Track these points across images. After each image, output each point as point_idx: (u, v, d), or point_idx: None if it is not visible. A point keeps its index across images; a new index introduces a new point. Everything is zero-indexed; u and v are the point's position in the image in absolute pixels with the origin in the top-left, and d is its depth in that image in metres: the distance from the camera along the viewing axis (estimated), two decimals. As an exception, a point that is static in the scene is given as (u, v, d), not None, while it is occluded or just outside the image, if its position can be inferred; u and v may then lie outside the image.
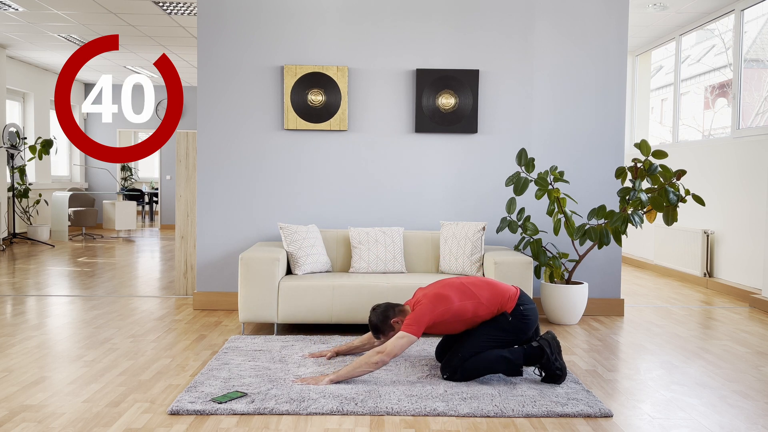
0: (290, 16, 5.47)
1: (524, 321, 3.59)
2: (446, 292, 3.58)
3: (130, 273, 7.44)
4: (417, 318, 3.48)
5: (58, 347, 4.24)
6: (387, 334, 3.64)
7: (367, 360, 3.43)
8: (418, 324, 3.47)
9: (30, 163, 11.52)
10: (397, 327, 3.61)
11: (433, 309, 3.51)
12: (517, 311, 3.58)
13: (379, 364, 3.43)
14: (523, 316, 3.58)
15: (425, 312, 3.50)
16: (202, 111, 5.50)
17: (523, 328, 3.59)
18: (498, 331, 3.57)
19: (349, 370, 3.45)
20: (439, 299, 3.54)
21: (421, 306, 3.54)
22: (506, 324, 3.57)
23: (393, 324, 3.62)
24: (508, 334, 3.57)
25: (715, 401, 3.36)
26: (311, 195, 5.54)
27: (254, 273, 4.58)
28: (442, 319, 3.53)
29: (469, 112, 5.46)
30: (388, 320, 3.62)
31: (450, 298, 3.55)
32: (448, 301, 3.54)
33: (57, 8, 7.70)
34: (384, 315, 3.63)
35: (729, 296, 6.47)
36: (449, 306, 3.53)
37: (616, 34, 5.51)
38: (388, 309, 3.65)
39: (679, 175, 4.84)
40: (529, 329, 3.61)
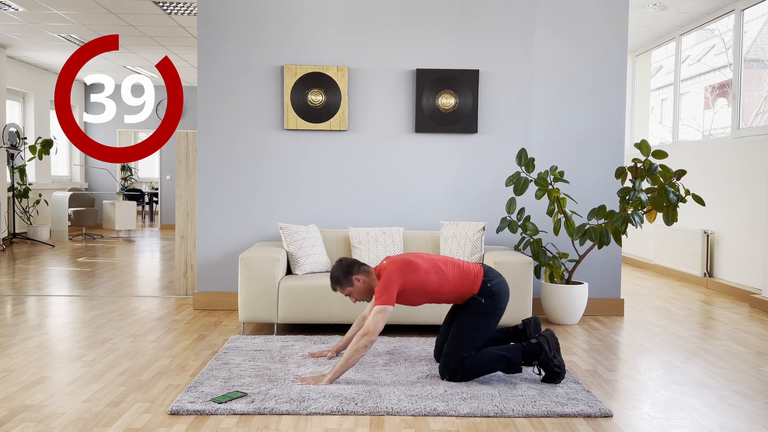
0: (290, 16, 5.47)
1: (496, 297, 3.61)
2: (414, 260, 3.61)
3: (130, 273, 7.44)
4: (386, 287, 3.48)
5: (58, 347, 4.24)
6: (345, 288, 3.63)
7: (355, 347, 3.43)
8: (388, 293, 3.47)
9: (30, 163, 11.52)
10: (358, 284, 3.61)
11: (401, 275, 3.52)
12: (486, 290, 3.60)
13: (368, 346, 3.43)
14: (493, 293, 3.61)
15: (393, 278, 3.50)
16: (202, 111, 5.50)
17: (499, 303, 3.62)
18: (479, 317, 3.59)
19: (343, 363, 3.45)
20: (407, 265, 3.56)
21: (388, 272, 3.53)
22: (481, 307, 3.59)
23: (354, 280, 3.61)
24: (490, 315, 3.60)
25: (715, 401, 3.36)
26: (311, 195, 5.54)
27: (254, 273, 4.58)
28: (409, 286, 3.54)
29: (469, 112, 5.46)
30: (350, 276, 3.61)
31: (418, 265, 3.58)
32: (416, 268, 3.56)
33: (57, 8, 7.70)
34: (347, 270, 3.62)
35: (729, 296, 6.47)
36: (416, 273, 3.54)
37: (616, 34, 5.51)
38: (353, 265, 3.64)
39: (679, 175, 4.84)
40: (504, 302, 3.65)
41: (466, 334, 3.57)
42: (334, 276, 3.64)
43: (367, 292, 3.66)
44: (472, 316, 3.60)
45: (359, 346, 3.42)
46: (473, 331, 3.57)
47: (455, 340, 3.58)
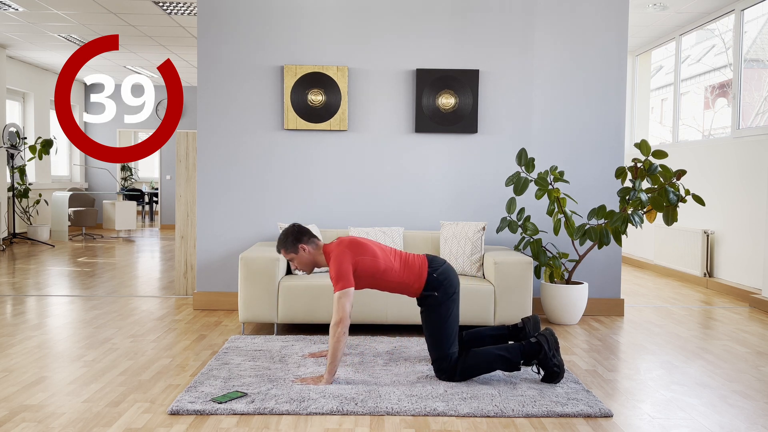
0: (290, 16, 5.47)
1: (447, 282, 3.62)
2: (363, 241, 3.63)
3: (130, 273, 7.44)
4: (339, 271, 3.47)
5: (58, 347, 4.24)
6: (288, 253, 3.63)
7: (335, 339, 3.42)
8: (344, 276, 3.47)
9: (30, 163, 11.52)
10: (302, 253, 3.61)
11: (351, 255, 3.53)
12: (433, 281, 3.61)
13: (345, 332, 3.42)
14: (441, 282, 3.61)
15: (343, 260, 3.50)
16: (202, 111, 5.50)
17: (450, 289, 3.62)
18: (439, 309, 3.59)
19: (331, 359, 3.45)
20: (356, 245, 3.58)
21: (337, 254, 3.53)
22: (437, 300, 3.60)
23: (300, 248, 3.61)
24: (448, 303, 3.60)
25: (715, 401, 3.36)
26: (311, 195, 5.54)
27: (254, 273, 4.58)
28: (359, 266, 3.54)
29: (469, 112, 5.46)
30: (298, 243, 3.62)
31: (366, 246, 3.60)
32: (364, 249, 3.58)
33: (57, 8, 7.70)
34: (296, 237, 3.63)
35: (729, 296, 6.47)
36: (365, 254, 3.56)
37: (616, 34, 5.51)
38: (304, 234, 3.64)
39: (679, 175, 4.84)
40: (455, 283, 3.66)
41: (438, 331, 3.57)
42: (282, 238, 3.65)
43: (310, 264, 3.67)
44: (433, 312, 3.60)
45: (338, 336, 3.42)
46: (442, 324, 3.58)
47: (433, 342, 3.59)
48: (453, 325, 3.61)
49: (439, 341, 3.56)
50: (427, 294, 3.62)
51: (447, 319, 3.59)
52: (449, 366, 3.53)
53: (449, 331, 3.58)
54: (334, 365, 3.45)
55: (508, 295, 4.62)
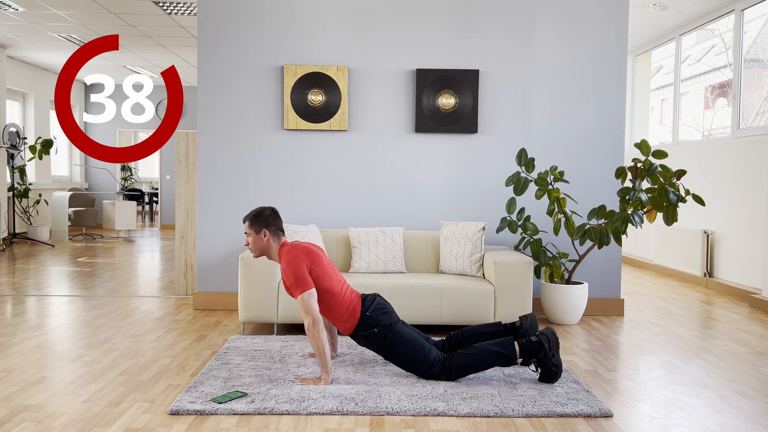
0: (290, 16, 5.47)
1: (382, 317, 3.60)
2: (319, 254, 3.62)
3: (130, 273, 7.44)
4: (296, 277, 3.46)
5: (58, 347, 4.24)
6: (250, 228, 3.62)
7: (315, 341, 3.41)
8: (302, 282, 3.46)
9: (30, 163, 11.52)
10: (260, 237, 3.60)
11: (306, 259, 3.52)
12: (368, 320, 3.59)
13: (320, 332, 3.41)
14: (376, 318, 3.59)
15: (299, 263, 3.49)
16: (202, 111, 5.50)
17: (387, 319, 3.60)
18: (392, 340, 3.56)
19: (321, 359, 3.45)
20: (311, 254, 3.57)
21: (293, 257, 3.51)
22: (383, 333, 3.58)
23: (262, 231, 3.61)
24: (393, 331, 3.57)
25: (715, 401, 3.36)
26: (311, 195, 5.54)
27: (254, 273, 4.58)
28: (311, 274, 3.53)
29: (469, 112, 5.46)
30: (262, 226, 3.61)
31: (321, 260, 3.60)
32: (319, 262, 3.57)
33: (57, 8, 7.70)
34: (265, 220, 3.62)
35: (729, 296, 6.47)
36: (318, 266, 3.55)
37: (616, 34, 5.51)
38: (272, 220, 3.63)
39: (679, 175, 4.84)
40: (389, 310, 3.64)
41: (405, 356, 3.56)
42: (253, 213, 3.64)
43: (261, 250, 3.66)
44: (386, 346, 3.58)
45: (315, 335, 3.41)
46: (402, 349, 3.55)
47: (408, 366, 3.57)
48: (413, 341, 3.57)
49: (413, 361, 3.55)
50: (367, 333, 3.60)
51: (404, 343, 3.56)
52: (440, 369, 3.53)
53: (414, 347, 3.56)
54: (326, 362, 3.46)
55: (508, 295, 4.62)
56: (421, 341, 3.59)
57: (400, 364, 3.60)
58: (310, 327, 3.42)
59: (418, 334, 3.68)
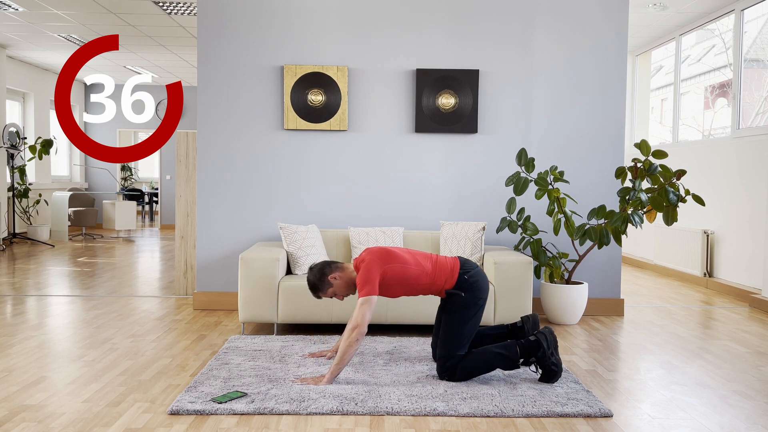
0: (290, 16, 5.47)
1: (476, 287, 3.62)
2: (392, 250, 3.63)
3: (130, 273, 7.44)
4: (366, 277, 3.49)
5: (58, 347, 4.24)
6: (325, 291, 3.64)
7: (347, 342, 3.42)
8: (370, 282, 3.47)
9: (30, 163, 11.52)
10: (335, 283, 3.62)
11: (380, 264, 3.53)
12: (464, 283, 3.61)
13: (359, 339, 3.42)
14: (472, 285, 3.62)
15: (372, 267, 3.51)
16: (202, 111, 5.50)
17: (479, 294, 3.63)
18: (463, 311, 3.59)
19: (338, 360, 3.45)
20: (385, 254, 3.58)
21: (367, 263, 3.54)
22: (464, 301, 3.60)
23: (330, 280, 3.62)
24: (473, 308, 3.60)
25: (715, 401, 3.36)
26: (311, 195, 5.54)
27: (254, 273, 4.58)
28: (389, 275, 3.54)
29: (469, 112, 5.46)
30: (325, 277, 3.63)
31: (396, 254, 3.60)
32: (394, 258, 3.58)
33: (57, 8, 7.70)
34: (321, 273, 3.64)
35: (729, 296, 6.47)
36: (395, 263, 3.56)
37: (616, 34, 5.51)
38: (325, 267, 3.66)
39: (679, 175, 4.84)
40: (485, 291, 3.66)
41: (455, 331, 3.58)
42: (310, 285, 3.67)
43: (349, 286, 3.68)
44: (456, 312, 3.60)
45: (351, 341, 3.42)
46: (461, 326, 3.58)
47: (446, 340, 3.58)
48: (471, 329, 3.61)
49: (453, 341, 3.57)
50: (453, 293, 3.62)
51: (467, 322, 3.59)
52: (453, 365, 3.54)
53: (466, 334, 3.58)
54: (340, 367, 3.46)
55: (508, 295, 4.62)
56: (472, 336, 3.62)
57: (446, 331, 3.60)
58: (351, 329, 3.42)
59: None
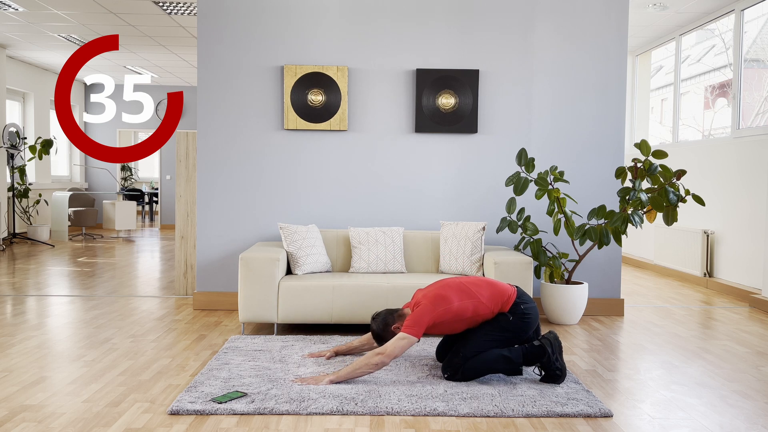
0: (290, 16, 5.47)
1: (525, 320, 3.59)
2: (446, 293, 3.58)
3: (130, 273, 7.44)
4: (417, 319, 3.49)
5: (58, 347, 4.24)
6: (389, 339, 3.65)
7: (367, 361, 3.44)
8: (418, 325, 3.47)
9: (30, 163, 11.52)
10: (398, 332, 3.62)
11: (433, 309, 3.52)
12: (517, 310, 3.59)
13: (379, 366, 3.44)
14: (523, 315, 3.59)
15: (425, 313, 3.51)
16: (202, 111, 5.50)
17: (524, 327, 3.60)
18: (499, 331, 3.58)
19: (349, 371, 3.45)
20: (439, 299, 3.55)
21: (421, 307, 3.54)
22: (507, 324, 3.58)
23: (393, 330, 3.65)
24: (510, 334, 3.58)
25: (715, 401, 3.36)
26: (311, 195, 5.54)
27: (254, 273, 4.58)
28: (443, 319, 3.53)
29: (469, 112, 5.46)
30: (389, 327, 3.66)
31: (449, 298, 3.56)
32: (448, 302, 3.55)
33: (57, 8, 7.70)
34: (384, 323, 3.67)
35: (729, 296, 6.47)
36: (449, 306, 3.53)
37: (616, 34, 5.51)
38: (388, 316, 3.69)
39: (679, 175, 4.84)
40: (530, 328, 3.62)
41: (480, 339, 3.56)
42: (375, 334, 3.70)
43: None
44: (494, 327, 3.58)
45: (371, 363, 3.43)
46: (488, 339, 3.56)
47: (469, 341, 3.57)
48: (493, 345, 3.57)
49: (474, 346, 3.55)
50: (503, 313, 3.60)
51: (498, 340, 3.56)
52: (457, 363, 3.54)
53: (486, 346, 3.56)
54: (348, 377, 3.46)
55: (508, 295, 4.62)
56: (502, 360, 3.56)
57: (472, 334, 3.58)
58: (378, 354, 3.42)
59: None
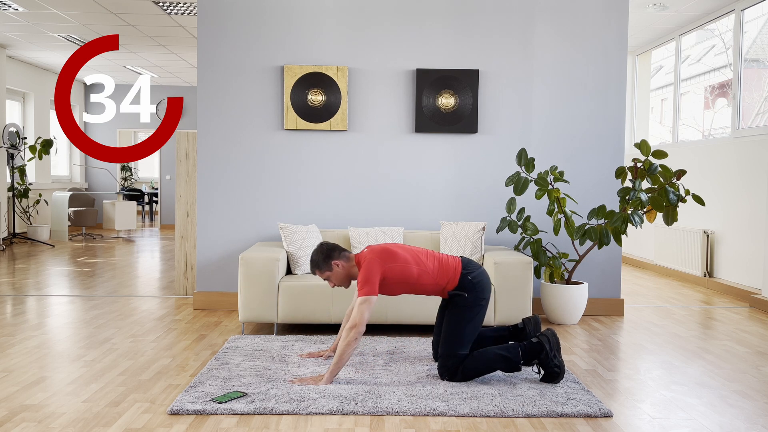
0: (290, 16, 5.47)
1: (479, 287, 3.62)
2: (394, 249, 3.62)
3: (130, 273, 7.44)
4: (367, 277, 3.49)
5: (58, 347, 4.24)
6: (323, 272, 3.65)
7: (345, 341, 3.43)
8: (370, 283, 3.48)
9: (30, 163, 11.52)
10: (337, 270, 3.62)
11: (381, 263, 3.53)
12: (467, 283, 3.61)
13: (357, 338, 3.43)
14: (474, 284, 3.62)
15: (372, 267, 3.51)
16: (202, 111, 5.50)
17: (482, 294, 3.63)
18: (465, 311, 3.59)
19: (337, 360, 3.45)
20: (385, 254, 3.58)
21: (368, 262, 3.54)
22: (466, 301, 3.60)
23: (333, 265, 3.63)
24: (476, 307, 3.60)
25: (715, 401, 3.36)
26: (311, 195, 5.54)
27: (254, 273, 4.58)
28: (389, 275, 3.55)
29: (469, 112, 5.46)
30: (330, 260, 3.64)
31: (397, 254, 3.59)
32: (395, 257, 3.58)
33: (57, 8, 7.70)
34: (327, 254, 3.64)
35: (729, 296, 6.47)
36: (396, 262, 3.56)
37: (616, 34, 5.51)
38: (334, 250, 3.66)
39: (679, 175, 4.84)
40: (488, 291, 3.66)
41: (457, 331, 3.58)
42: (313, 259, 3.67)
43: (346, 278, 3.69)
44: (458, 311, 3.60)
45: (349, 340, 3.43)
46: (463, 326, 3.58)
47: (448, 339, 3.58)
48: (474, 329, 3.61)
49: (455, 340, 3.56)
50: (456, 293, 3.62)
51: (470, 322, 3.59)
52: (454, 365, 3.54)
53: (468, 333, 3.58)
54: (339, 366, 3.46)
55: (508, 295, 4.62)
56: (474, 335, 3.62)
57: (448, 331, 3.59)
58: (350, 328, 3.43)
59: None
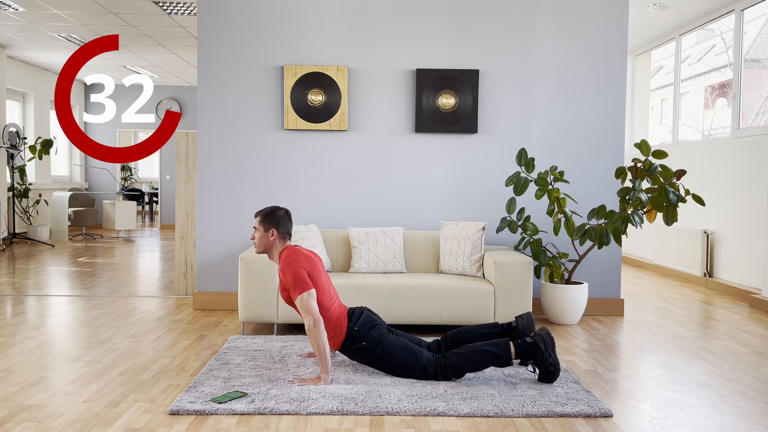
0: (290, 16, 5.47)
1: (368, 328, 3.62)
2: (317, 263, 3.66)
3: (130, 273, 7.44)
4: (294, 279, 3.50)
5: (58, 347, 4.24)
6: (259, 225, 3.65)
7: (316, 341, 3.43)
8: (301, 281, 3.49)
9: (30, 163, 11.52)
10: (266, 236, 3.64)
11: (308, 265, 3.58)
12: (355, 335, 3.61)
13: (318, 327, 3.43)
14: (361, 332, 3.61)
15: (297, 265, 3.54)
16: (202, 111, 5.50)
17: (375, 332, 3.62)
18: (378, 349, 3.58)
19: (320, 356, 3.46)
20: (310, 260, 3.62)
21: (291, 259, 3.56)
22: (371, 346, 3.59)
23: (270, 228, 3.65)
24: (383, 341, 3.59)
25: (715, 401, 3.36)
26: (311, 195, 5.54)
27: (254, 273, 4.59)
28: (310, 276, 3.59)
29: (469, 112, 5.46)
30: (272, 225, 3.65)
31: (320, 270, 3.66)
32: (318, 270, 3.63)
33: (57, 8, 7.70)
34: (277, 221, 3.65)
35: (729, 296, 6.47)
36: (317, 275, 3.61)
37: (616, 34, 5.51)
38: (283, 222, 3.67)
39: (679, 175, 4.84)
40: (377, 322, 3.66)
41: (396, 364, 3.56)
42: (267, 210, 3.69)
43: (266, 249, 3.70)
44: (375, 356, 3.59)
45: (316, 334, 3.44)
46: (394, 357, 3.56)
47: (401, 373, 3.57)
48: (404, 347, 3.58)
49: (407, 367, 3.55)
50: (356, 347, 3.62)
51: (395, 351, 3.57)
52: (435, 370, 3.53)
53: (406, 354, 3.56)
54: (326, 362, 3.46)
55: (508, 295, 4.62)
56: (411, 346, 3.59)
57: (394, 372, 3.60)
58: (311, 327, 3.43)
59: (407, 338, 3.71)
